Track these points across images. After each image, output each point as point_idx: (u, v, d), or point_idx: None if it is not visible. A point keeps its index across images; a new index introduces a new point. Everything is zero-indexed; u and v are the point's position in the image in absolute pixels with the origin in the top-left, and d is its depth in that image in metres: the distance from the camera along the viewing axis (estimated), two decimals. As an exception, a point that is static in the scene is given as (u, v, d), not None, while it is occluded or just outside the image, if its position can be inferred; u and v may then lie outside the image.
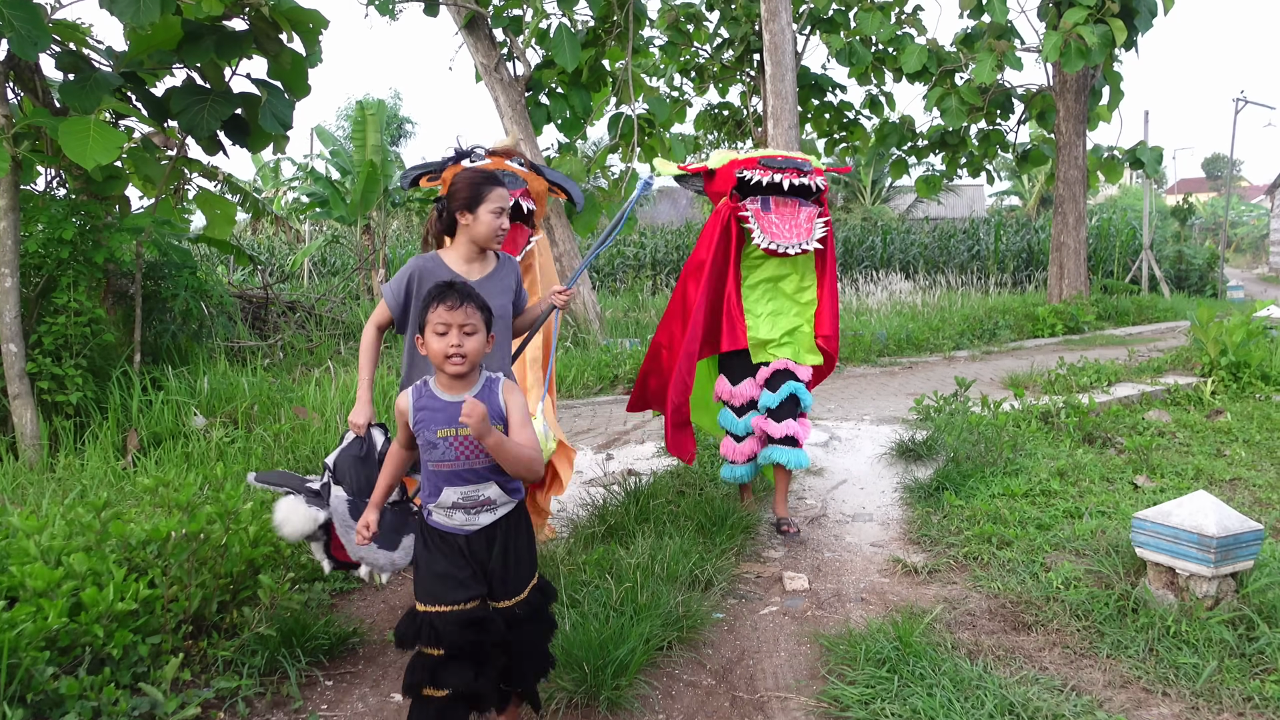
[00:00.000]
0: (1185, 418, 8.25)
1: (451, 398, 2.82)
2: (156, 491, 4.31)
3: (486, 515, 2.88)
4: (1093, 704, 3.33)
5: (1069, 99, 16.80)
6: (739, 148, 19.25)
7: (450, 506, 2.85)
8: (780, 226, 4.92)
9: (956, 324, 14.17)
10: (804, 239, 4.94)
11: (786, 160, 5.02)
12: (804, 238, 4.94)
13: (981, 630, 4.04)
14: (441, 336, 2.79)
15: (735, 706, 3.45)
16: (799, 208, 4.98)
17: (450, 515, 2.87)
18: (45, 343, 6.91)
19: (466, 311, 2.81)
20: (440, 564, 2.86)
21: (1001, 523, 5.16)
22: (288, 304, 12.47)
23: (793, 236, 4.92)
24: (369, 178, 18.18)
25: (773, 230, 4.92)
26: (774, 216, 4.95)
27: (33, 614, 2.94)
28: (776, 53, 11.48)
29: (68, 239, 6.95)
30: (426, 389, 2.88)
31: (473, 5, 11.82)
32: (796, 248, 4.92)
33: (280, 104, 7.63)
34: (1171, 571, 4.13)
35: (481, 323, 2.85)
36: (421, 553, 2.92)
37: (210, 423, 6.91)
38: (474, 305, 2.84)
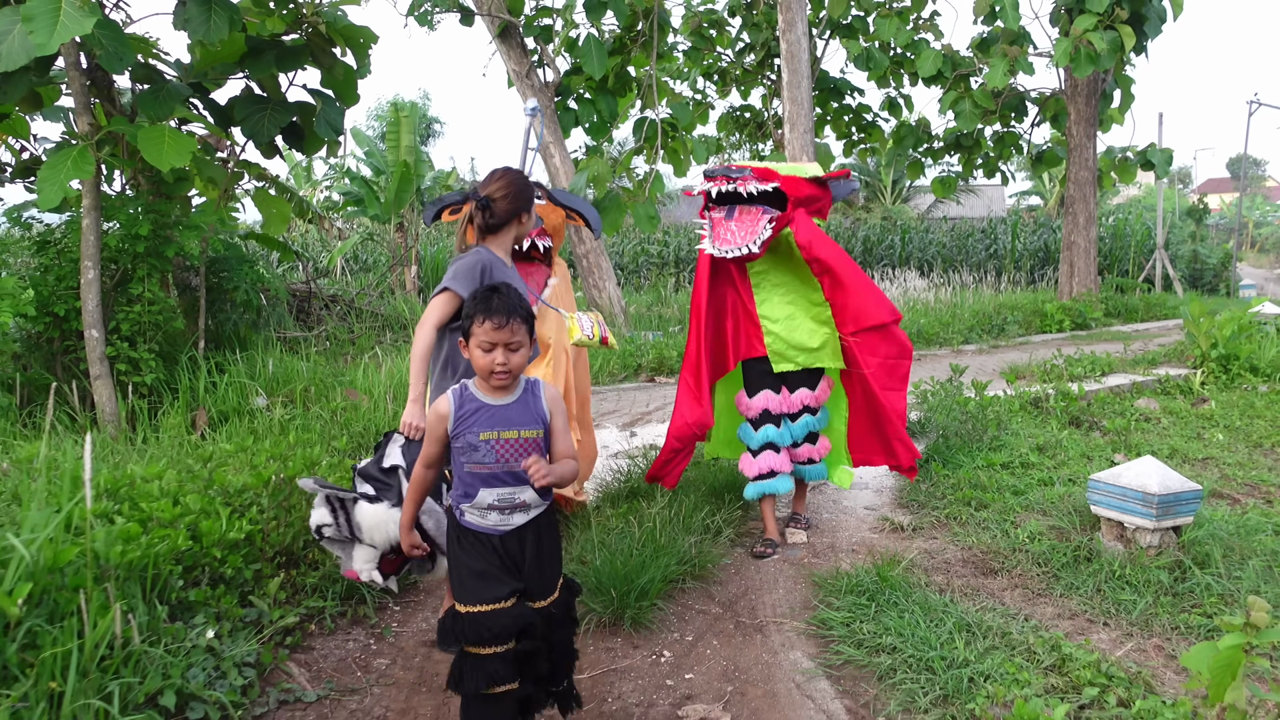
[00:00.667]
0: (1172, 405, 8.84)
1: (494, 400, 2.88)
2: (236, 455, 5.05)
3: (520, 516, 2.91)
4: (1039, 627, 3.96)
5: (1080, 103, 17.31)
6: (759, 149, 19.87)
7: (486, 508, 2.88)
8: (736, 233, 4.92)
9: (967, 319, 14.74)
10: (747, 241, 4.87)
11: (722, 169, 4.97)
12: (748, 239, 4.87)
13: (953, 574, 4.69)
14: (487, 353, 2.82)
15: (739, 629, 4.11)
16: (761, 214, 4.90)
17: (485, 516, 2.89)
18: (123, 329, 7.62)
19: (513, 328, 2.82)
20: (478, 562, 2.87)
21: (981, 489, 5.80)
22: (329, 297, 13.19)
23: (737, 238, 4.90)
24: (403, 177, 18.89)
25: (725, 236, 4.94)
26: (733, 224, 4.95)
27: (163, 538, 3.62)
28: (793, 61, 12.10)
29: (144, 235, 7.66)
30: (467, 392, 2.91)
31: (506, 15, 12.51)
32: (735, 251, 4.88)
33: (333, 112, 8.34)
34: (1121, 525, 4.76)
35: (526, 335, 2.87)
36: (457, 554, 2.93)
37: (271, 402, 7.62)
38: (519, 320, 2.84)
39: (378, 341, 11.40)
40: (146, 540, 3.50)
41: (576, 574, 4.21)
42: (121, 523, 3.47)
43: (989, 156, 19.11)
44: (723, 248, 4.91)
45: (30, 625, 2.78)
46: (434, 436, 2.92)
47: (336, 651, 3.80)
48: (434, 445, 2.93)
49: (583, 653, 3.84)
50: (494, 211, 3.79)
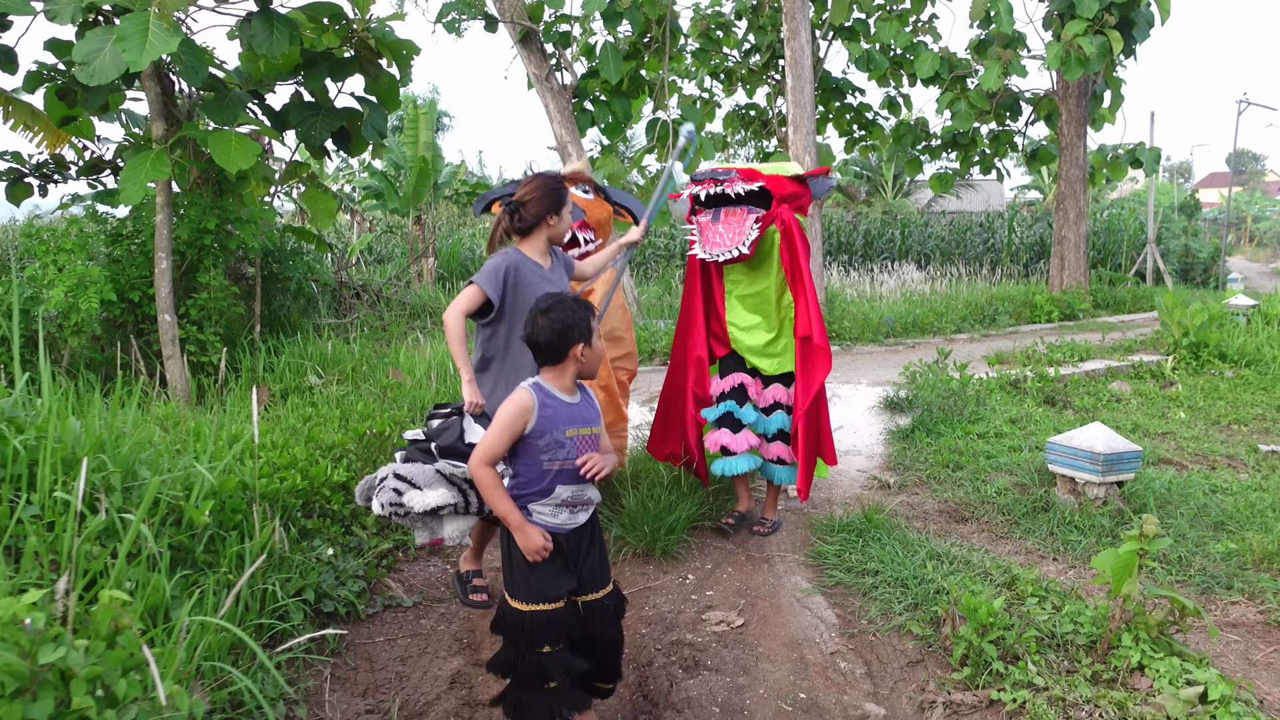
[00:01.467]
0: (1143, 388, 9.67)
1: (569, 399, 3.03)
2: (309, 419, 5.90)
3: (583, 514, 3.06)
4: (997, 559, 4.80)
5: (1071, 103, 18.10)
6: (763, 146, 20.66)
7: (559, 504, 2.98)
8: (724, 235, 4.96)
9: (960, 310, 15.57)
10: (736, 244, 4.92)
11: (709, 173, 5.04)
12: (737, 242, 4.92)
13: (930, 521, 5.53)
14: (583, 359, 3.04)
15: (749, 560, 4.96)
16: (746, 214, 4.95)
17: (556, 514, 3.00)
18: (192, 314, 8.47)
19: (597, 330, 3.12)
20: (544, 566, 2.97)
21: (958, 454, 6.65)
22: (360, 286, 14.03)
23: (727, 241, 4.94)
24: (421, 172, 19.73)
25: (713, 240, 4.98)
26: (720, 226, 4.99)
27: (284, 478, 4.47)
28: (797, 67, 12.91)
29: (211, 229, 8.50)
30: (545, 389, 3.01)
31: (527, 22, 13.31)
32: (724, 254, 4.92)
33: (378, 117, 9.18)
34: (1072, 480, 5.60)
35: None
36: (520, 553, 2.99)
37: (326, 379, 8.46)
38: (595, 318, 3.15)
39: (409, 327, 12.23)
40: (276, 478, 4.35)
41: (614, 516, 5.06)
42: (251, 465, 4.32)
43: (985, 154, 19.89)
44: (713, 251, 4.97)
45: (211, 533, 3.62)
46: (512, 431, 2.95)
47: (421, 573, 4.65)
48: (507, 440, 2.95)
49: (621, 575, 4.70)
50: (522, 215, 3.98)
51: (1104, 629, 3.72)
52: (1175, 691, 3.31)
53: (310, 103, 9.12)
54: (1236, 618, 4.29)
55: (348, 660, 3.72)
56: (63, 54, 8.70)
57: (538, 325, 3.01)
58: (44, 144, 10.19)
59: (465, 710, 3.47)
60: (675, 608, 4.36)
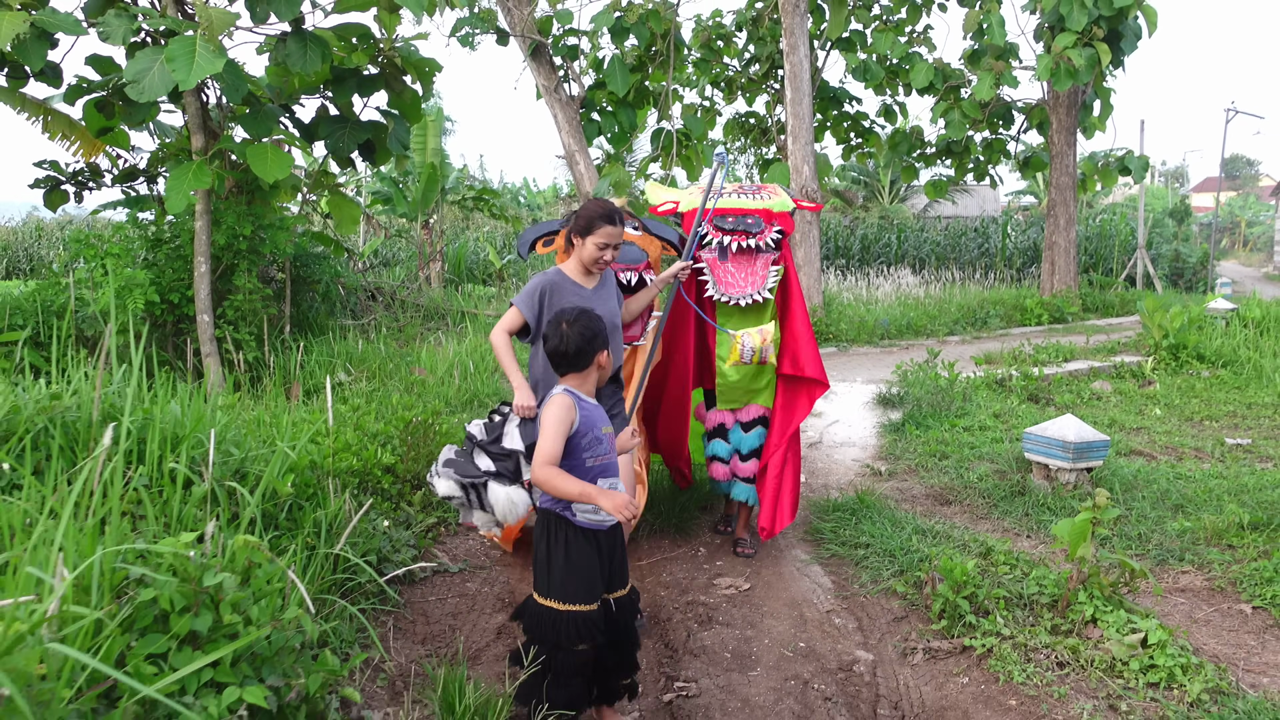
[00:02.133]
0: (1122, 387, 10.24)
1: (594, 401, 3.34)
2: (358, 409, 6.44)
3: None
4: (975, 534, 5.37)
5: (1061, 113, 18.68)
6: (762, 153, 21.23)
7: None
8: (735, 275, 4.94)
9: (953, 313, 16.15)
10: (757, 288, 4.91)
11: (739, 221, 4.96)
12: (757, 287, 4.91)
13: (917, 503, 6.10)
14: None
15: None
16: (755, 255, 4.94)
17: (596, 510, 3.17)
18: (228, 314, 9.02)
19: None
20: (584, 563, 3.18)
21: (945, 444, 7.22)
22: (374, 289, 14.59)
23: (746, 286, 4.91)
24: (429, 179, 20.27)
25: (726, 281, 4.93)
26: (730, 265, 4.96)
27: (343, 459, 5.02)
28: (795, 80, 13.50)
29: (246, 234, 9.06)
30: (576, 394, 3.27)
31: (537, 36, 13.89)
32: (748, 298, 4.90)
33: (401, 130, 9.74)
34: (1046, 467, 6.17)
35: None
36: (562, 558, 3.18)
37: (354, 377, 9.02)
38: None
39: (424, 328, 12.80)
40: (335, 458, 4.91)
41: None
42: (318, 446, 4.88)
43: (979, 161, 20.48)
44: (730, 293, 4.91)
45: (290, 502, 4.19)
46: (563, 430, 3.15)
47: (463, 545, 5.21)
48: (561, 439, 3.14)
49: (640, 549, 5.26)
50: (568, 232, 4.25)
51: (1064, 589, 4.28)
52: (1121, 638, 3.88)
53: (338, 116, 9.68)
54: (1185, 584, 4.85)
55: (406, 615, 4.28)
56: (104, 70, 9.27)
57: (566, 335, 3.26)
58: (80, 153, 10.74)
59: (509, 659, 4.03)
60: (689, 575, 4.93)
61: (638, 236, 5.16)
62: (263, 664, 2.76)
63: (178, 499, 3.64)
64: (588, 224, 4.15)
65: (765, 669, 3.93)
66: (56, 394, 4.02)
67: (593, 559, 3.20)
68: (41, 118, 10.52)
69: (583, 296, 4.20)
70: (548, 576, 3.20)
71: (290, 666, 2.83)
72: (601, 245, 4.14)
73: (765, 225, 4.97)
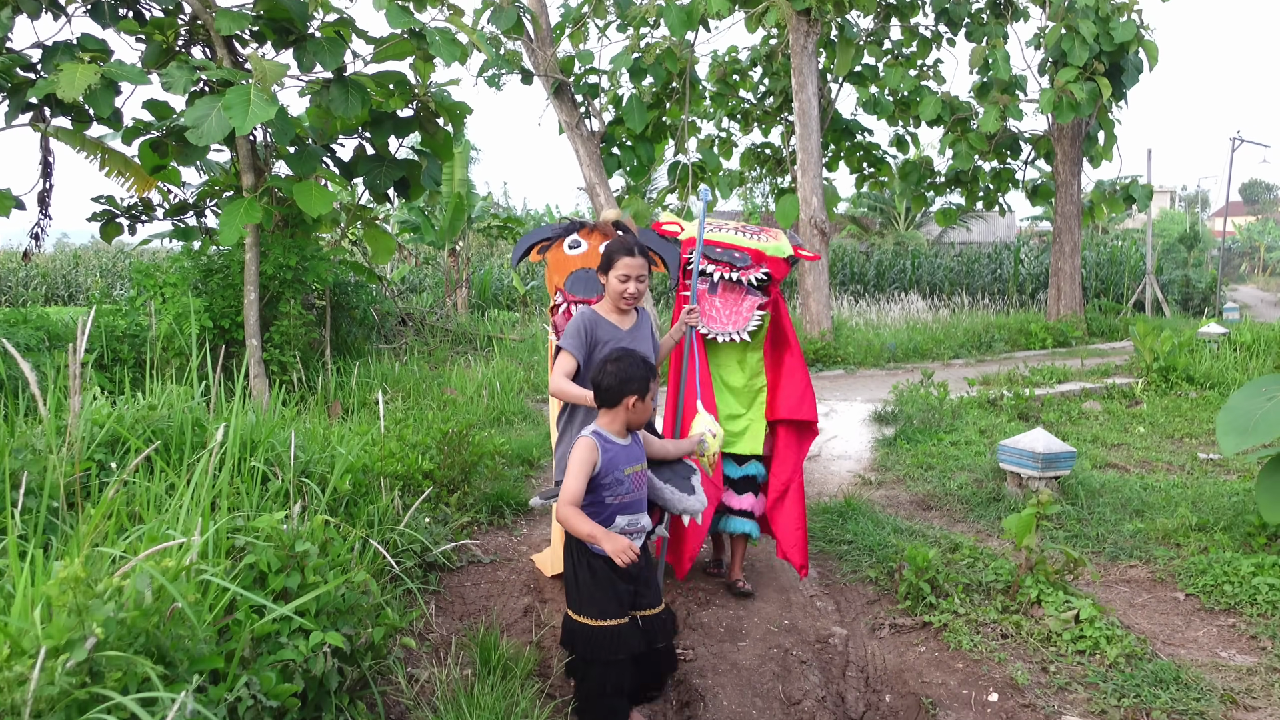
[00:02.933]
0: (1111, 407, 10.85)
1: (623, 442, 3.61)
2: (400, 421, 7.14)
3: (638, 540, 3.52)
4: (948, 533, 6.01)
5: (1065, 144, 19.33)
6: (777, 182, 21.96)
7: (619, 533, 3.45)
8: (720, 311, 4.93)
9: (959, 337, 16.77)
10: (739, 328, 4.91)
11: (726, 253, 4.97)
12: (739, 326, 4.91)
13: (902, 508, 6.76)
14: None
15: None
16: (743, 295, 4.96)
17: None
18: (274, 338, 9.78)
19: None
20: (609, 584, 3.46)
21: (931, 457, 7.87)
22: (405, 315, 15.37)
23: (728, 324, 4.92)
24: (456, 208, 21.10)
25: (710, 315, 4.92)
26: (718, 300, 4.97)
27: (389, 465, 5.73)
28: (804, 117, 14.22)
29: (292, 265, 9.83)
30: (603, 436, 3.55)
31: (559, 75, 14.69)
32: (726, 336, 4.90)
33: (434, 168, 10.52)
34: (1019, 475, 6.82)
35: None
36: (588, 577, 3.49)
37: (390, 396, 9.75)
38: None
39: (453, 352, 13.55)
40: (382, 465, 5.62)
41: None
42: (370, 451, 5.59)
43: (989, 190, 21.12)
44: (713, 329, 4.91)
45: (347, 498, 4.90)
46: (585, 473, 3.47)
47: (493, 541, 5.90)
48: (584, 481, 3.46)
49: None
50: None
51: (1015, 576, 4.93)
52: (1058, 614, 4.53)
53: (375, 155, 10.47)
54: (1131, 576, 5.49)
55: (445, 597, 4.97)
56: (160, 114, 10.10)
57: (605, 371, 3.56)
58: (134, 188, 11.58)
59: (535, 630, 4.71)
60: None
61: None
62: (338, 616, 3.46)
63: (257, 492, 4.35)
64: (608, 260, 4.22)
65: (753, 640, 4.60)
66: (153, 405, 4.75)
67: (618, 581, 3.46)
68: (99, 156, 11.37)
69: (618, 338, 4.25)
70: (577, 594, 3.53)
71: (359, 620, 3.53)
72: (623, 278, 4.19)
73: (753, 263, 4.95)
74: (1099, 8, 17.25)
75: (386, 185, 10.32)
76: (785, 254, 5.09)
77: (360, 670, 3.48)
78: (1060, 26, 17.23)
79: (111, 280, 31.03)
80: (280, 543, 3.38)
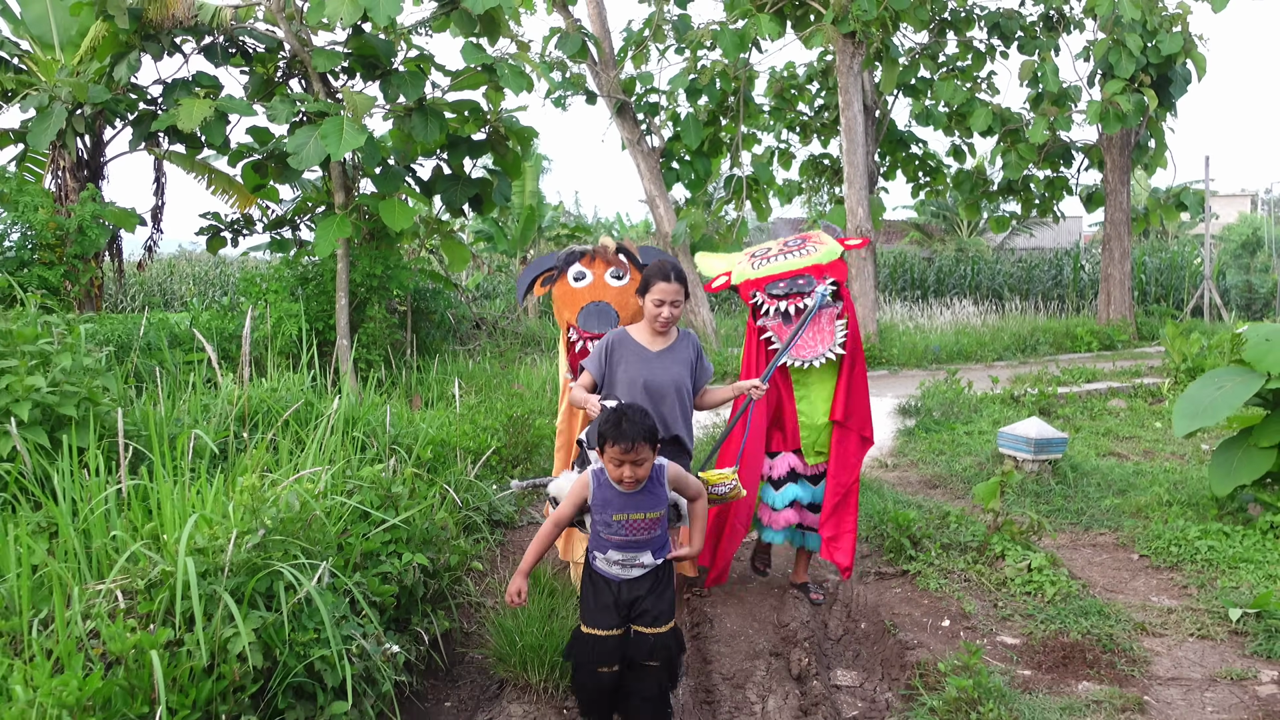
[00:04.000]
0: (1135, 404, 11.57)
1: (623, 490, 3.52)
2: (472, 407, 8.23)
3: (638, 570, 3.61)
4: (942, 504, 6.90)
5: (1115, 153, 19.86)
6: (835, 192, 22.77)
7: (612, 563, 3.61)
8: (805, 337, 4.91)
9: (1005, 340, 17.44)
10: (827, 345, 4.91)
11: (790, 284, 4.94)
12: (828, 345, 4.91)
13: (909, 487, 7.66)
14: (618, 468, 3.45)
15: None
16: (822, 313, 4.91)
17: (610, 566, 3.62)
18: (362, 339, 10.96)
19: (637, 450, 3.41)
20: (598, 599, 3.62)
21: (944, 444, 8.75)
22: (478, 319, 16.56)
23: (818, 346, 4.91)
24: (528, 218, 22.31)
25: (796, 345, 4.86)
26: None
27: (462, 440, 6.80)
28: (850, 133, 15.11)
29: (377, 274, 11.02)
30: (603, 479, 3.56)
31: (621, 96, 15.77)
32: (820, 359, 4.89)
33: (505, 186, 11.64)
34: (1015, 458, 7.68)
35: (650, 452, 3.47)
36: (587, 586, 3.68)
37: (465, 390, 10.88)
38: (643, 441, 3.41)
39: (523, 352, 14.69)
40: (456, 440, 6.70)
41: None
42: (448, 429, 6.67)
43: (1044, 198, 21.69)
44: (804, 355, 4.89)
45: (429, 464, 5.98)
46: (574, 503, 3.61)
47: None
48: (571, 509, 3.64)
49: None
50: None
51: (986, 536, 5.84)
52: (1015, 564, 5.43)
53: (451, 175, 11.62)
54: (1098, 541, 6.35)
55: (508, 547, 6.03)
56: (261, 139, 11.36)
57: (603, 418, 3.53)
58: (236, 205, 12.91)
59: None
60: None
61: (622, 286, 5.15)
62: (424, 544, 4.51)
63: (358, 455, 5.44)
64: (645, 283, 4.30)
65: (759, 584, 5.57)
66: (274, 388, 5.88)
67: (606, 599, 3.62)
68: (206, 176, 12.71)
69: (643, 358, 4.35)
70: (581, 602, 3.79)
71: (439, 548, 4.59)
72: (658, 302, 4.24)
73: (816, 280, 4.93)
74: (1146, 21, 17.79)
75: (462, 201, 11.47)
76: (838, 254, 5.11)
77: (440, 585, 4.55)
78: (1108, 40, 17.81)
79: (203, 288, 32.87)
80: (380, 486, 4.45)
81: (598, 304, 5.05)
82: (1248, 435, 6.36)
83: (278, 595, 3.30)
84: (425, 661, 4.32)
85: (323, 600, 3.29)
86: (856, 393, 5.07)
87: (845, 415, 5.02)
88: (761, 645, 4.76)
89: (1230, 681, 4.24)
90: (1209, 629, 4.80)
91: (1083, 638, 4.64)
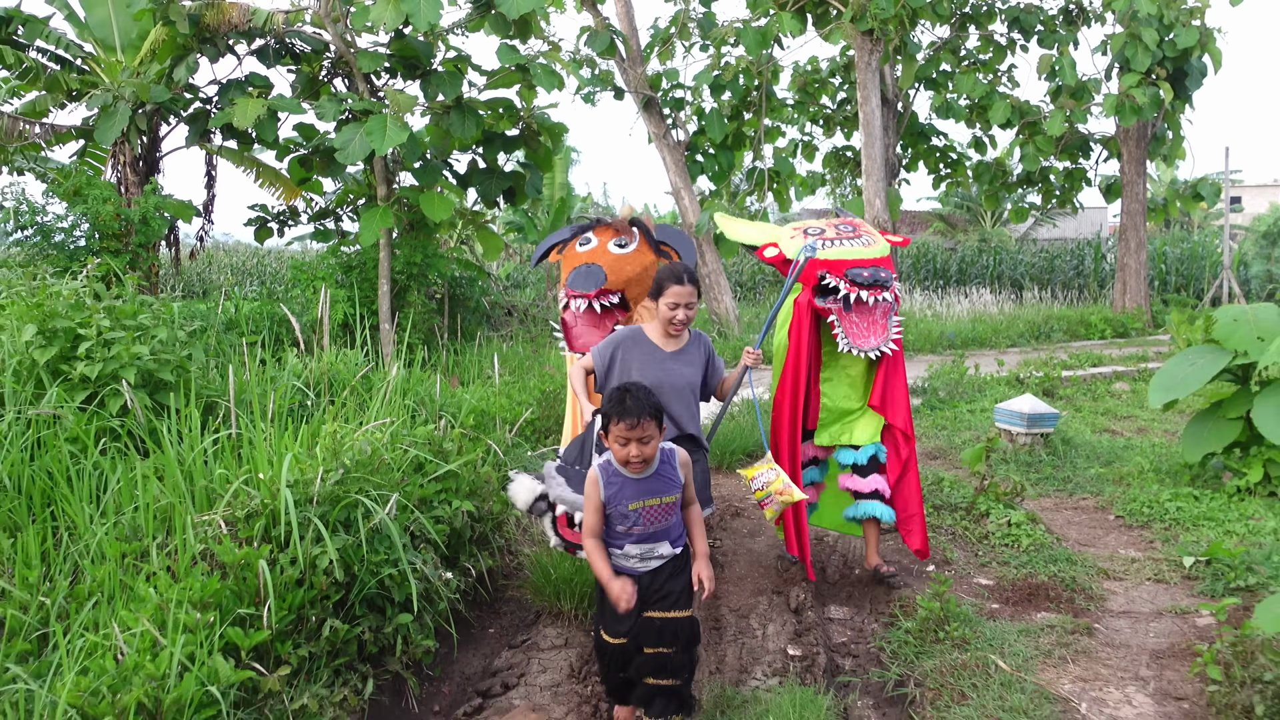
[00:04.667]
0: (1137, 386, 12.09)
1: (635, 475, 3.47)
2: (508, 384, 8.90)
3: (656, 561, 3.62)
4: (938, 472, 7.51)
5: (1131, 145, 20.29)
6: (857, 184, 23.29)
7: (630, 557, 3.59)
8: (860, 327, 4.90)
9: (1019, 327, 17.95)
10: (882, 339, 4.92)
11: (874, 274, 4.85)
12: (882, 339, 4.92)
13: (911, 458, 8.26)
14: (624, 446, 3.39)
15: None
16: (878, 307, 4.92)
17: (627, 560, 3.59)
18: (403, 324, 11.67)
19: (643, 426, 3.36)
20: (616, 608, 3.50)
21: (947, 420, 9.35)
22: (510, 306, 17.26)
23: (870, 337, 4.90)
24: (558, 210, 22.99)
25: (854, 333, 4.89)
26: (855, 317, 4.91)
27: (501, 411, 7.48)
28: (868, 127, 15.67)
29: (417, 262, 11.72)
30: (611, 469, 3.49)
31: (648, 91, 16.39)
32: (876, 351, 4.91)
33: (537, 179, 12.32)
34: (1009, 432, 8.27)
35: (656, 429, 3.40)
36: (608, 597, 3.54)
37: (500, 372, 11.56)
38: (649, 417, 3.36)
39: (552, 337, 15.36)
40: (492, 410, 7.38)
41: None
42: (488, 399, 7.35)
43: (1064, 189, 22.13)
44: (861, 345, 4.89)
45: (472, 430, 6.66)
46: (593, 506, 3.53)
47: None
48: (595, 515, 3.54)
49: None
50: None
51: (973, 497, 6.45)
52: (997, 520, 6.05)
53: (486, 169, 12.30)
54: (1081, 505, 6.95)
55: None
56: (308, 135, 12.07)
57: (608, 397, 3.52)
58: (282, 197, 13.64)
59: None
60: (731, 493, 7.24)
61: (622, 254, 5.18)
62: (470, 493, 5.19)
63: (410, 420, 6.13)
64: (658, 286, 4.31)
65: (767, 537, 6.22)
66: (331, 362, 6.59)
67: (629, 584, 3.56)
68: (254, 169, 13.44)
69: (655, 358, 4.40)
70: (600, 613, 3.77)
71: (484, 498, 5.27)
72: (672, 305, 4.26)
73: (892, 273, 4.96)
74: (1162, 15, 18.19)
75: (496, 194, 12.16)
76: (888, 250, 5.16)
77: (484, 529, 5.23)
78: (1125, 34, 18.22)
79: (240, 278, 33.79)
80: (433, 443, 5.13)
81: (588, 265, 5.10)
82: (1218, 408, 6.95)
83: (355, 523, 3.99)
84: (473, 594, 5.01)
85: (394, 526, 3.98)
86: (894, 384, 5.12)
87: (882, 404, 5.10)
88: (765, 585, 5.41)
89: (1175, 615, 4.84)
90: (1165, 574, 5.40)
91: (1049, 579, 5.25)
